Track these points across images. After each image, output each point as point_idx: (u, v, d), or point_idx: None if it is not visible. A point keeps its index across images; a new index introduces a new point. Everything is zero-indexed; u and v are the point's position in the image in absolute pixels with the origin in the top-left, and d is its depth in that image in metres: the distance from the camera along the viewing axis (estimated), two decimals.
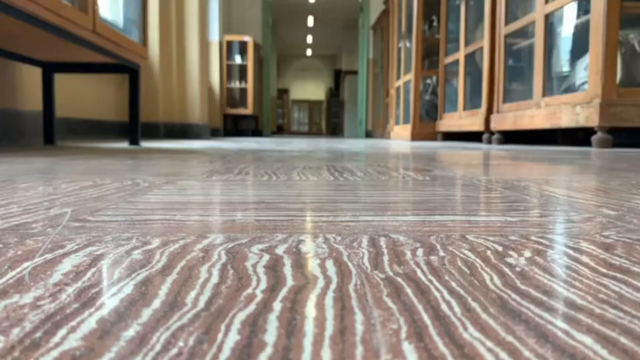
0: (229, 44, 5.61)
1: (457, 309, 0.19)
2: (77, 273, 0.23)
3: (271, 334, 0.16)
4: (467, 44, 3.54)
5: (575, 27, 2.31)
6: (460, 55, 3.64)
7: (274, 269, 0.24)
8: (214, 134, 5.12)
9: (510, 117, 2.75)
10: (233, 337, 0.16)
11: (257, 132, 6.43)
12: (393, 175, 0.79)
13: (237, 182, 0.65)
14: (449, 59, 3.93)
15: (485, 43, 3.16)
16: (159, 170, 0.81)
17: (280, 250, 0.28)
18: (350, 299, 0.20)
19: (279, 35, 11.39)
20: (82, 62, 2.04)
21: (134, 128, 2.17)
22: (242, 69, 5.66)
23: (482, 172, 0.87)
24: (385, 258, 0.26)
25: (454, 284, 0.22)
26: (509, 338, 0.16)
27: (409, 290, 0.21)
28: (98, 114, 3.15)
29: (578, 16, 2.28)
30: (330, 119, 14.60)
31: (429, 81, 4.56)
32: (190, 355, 0.15)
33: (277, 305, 0.19)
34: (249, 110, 5.64)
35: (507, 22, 2.91)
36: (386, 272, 0.24)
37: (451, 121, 3.80)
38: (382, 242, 0.30)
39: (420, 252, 0.28)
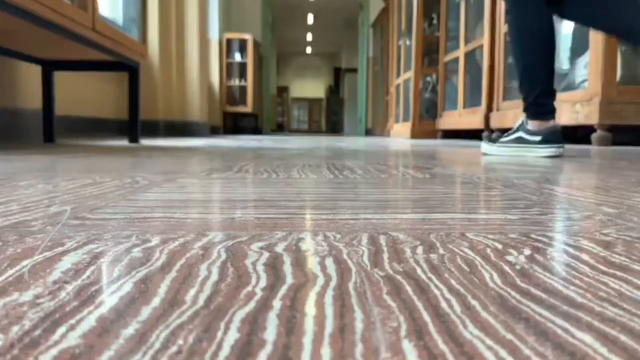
0: (229, 42, 5.60)
1: (457, 307, 0.19)
2: (77, 271, 0.23)
3: (271, 332, 0.16)
4: (467, 42, 3.53)
5: (576, 25, 2.30)
6: (461, 54, 3.64)
7: (274, 267, 0.24)
8: (214, 132, 5.12)
9: (511, 115, 2.75)
10: (233, 335, 0.16)
11: (257, 130, 6.42)
12: (393, 173, 0.79)
13: (237, 180, 0.65)
14: (449, 57, 3.92)
15: (486, 41, 3.15)
16: (159, 168, 0.81)
17: (280, 249, 0.28)
18: (350, 297, 0.20)
19: (279, 33, 11.37)
20: (82, 60, 2.04)
21: (133, 126, 2.17)
22: (242, 67, 5.66)
23: (482, 170, 0.87)
24: (386, 256, 0.26)
25: (454, 282, 0.22)
26: (509, 336, 0.16)
27: (409, 289, 0.21)
28: (98, 112, 3.15)
29: None
30: (330, 117, 14.60)
31: (429, 79, 4.56)
32: (190, 354, 0.15)
33: (277, 304, 0.19)
34: (249, 108, 5.63)
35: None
36: (386, 270, 0.24)
37: (451, 119, 3.80)
38: (382, 240, 0.30)
39: (420, 250, 0.28)
